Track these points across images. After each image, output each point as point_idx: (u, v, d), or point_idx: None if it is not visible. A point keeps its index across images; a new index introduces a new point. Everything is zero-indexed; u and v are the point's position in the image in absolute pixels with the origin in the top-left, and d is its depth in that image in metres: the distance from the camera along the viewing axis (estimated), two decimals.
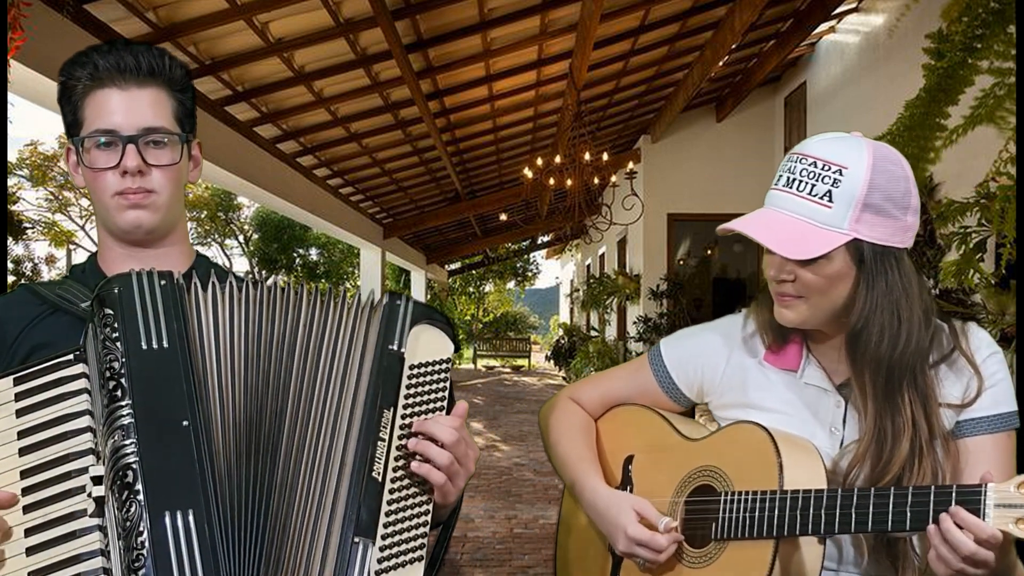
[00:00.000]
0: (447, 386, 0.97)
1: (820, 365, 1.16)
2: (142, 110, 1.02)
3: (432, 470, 0.90)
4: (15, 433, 0.87)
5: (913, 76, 2.84)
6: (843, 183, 1.03)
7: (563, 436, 1.32)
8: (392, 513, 0.88)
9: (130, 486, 0.81)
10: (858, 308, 1.07)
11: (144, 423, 0.84)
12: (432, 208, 11.80)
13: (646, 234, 10.21)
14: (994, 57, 2.45)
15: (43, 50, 3.38)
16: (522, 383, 16.49)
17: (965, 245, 2.71)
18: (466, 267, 23.37)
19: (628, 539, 1.13)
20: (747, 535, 1.06)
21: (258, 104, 5.89)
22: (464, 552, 4.64)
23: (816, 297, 1.07)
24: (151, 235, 1.07)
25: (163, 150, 1.04)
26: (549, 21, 6.06)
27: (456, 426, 0.93)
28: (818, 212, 1.04)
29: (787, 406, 1.16)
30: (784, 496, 1.03)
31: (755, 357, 1.21)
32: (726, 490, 1.10)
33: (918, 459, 1.04)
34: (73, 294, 1.04)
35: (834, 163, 1.04)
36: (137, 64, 1.02)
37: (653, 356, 1.31)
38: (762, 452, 1.07)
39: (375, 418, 0.90)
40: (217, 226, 23.30)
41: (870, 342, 1.06)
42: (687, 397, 1.29)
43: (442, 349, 0.98)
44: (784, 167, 1.08)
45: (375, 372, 0.93)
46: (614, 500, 1.19)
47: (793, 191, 1.06)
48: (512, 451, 7.94)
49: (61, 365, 0.90)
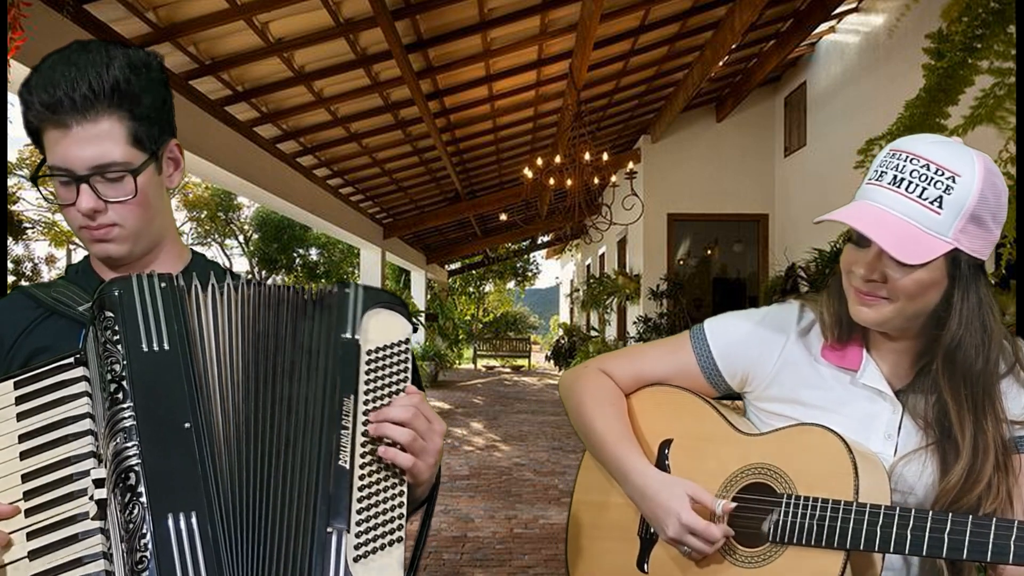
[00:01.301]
0: (408, 366, 0.95)
1: (879, 368, 1.13)
2: (89, 147, 0.95)
3: (398, 453, 0.90)
4: (16, 436, 0.87)
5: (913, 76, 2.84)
6: (955, 191, 1.00)
7: (598, 410, 1.25)
8: (364, 499, 0.88)
9: (132, 488, 0.81)
10: (955, 321, 1.05)
11: (146, 425, 0.84)
12: (432, 208, 11.80)
13: (646, 234, 10.21)
14: (994, 57, 2.45)
15: (43, 50, 3.37)
16: (522, 383, 16.49)
17: None
18: (466, 267, 23.37)
19: (681, 525, 1.09)
20: (811, 542, 1.02)
21: (258, 104, 5.89)
22: (464, 552, 4.64)
23: (903, 301, 1.04)
24: (127, 259, 1.05)
25: (119, 184, 0.98)
26: (549, 21, 6.06)
27: (412, 403, 0.92)
28: (927, 217, 1.01)
29: (841, 406, 1.13)
30: (862, 509, 1.00)
31: (810, 352, 1.17)
32: (788, 492, 1.07)
33: (998, 478, 1.03)
34: (69, 296, 1.04)
35: (948, 169, 1.01)
36: (71, 97, 0.93)
37: (696, 337, 1.25)
38: (836, 460, 1.04)
39: (336, 408, 0.90)
40: (217, 226, 23.30)
41: (968, 357, 1.05)
42: (727, 384, 1.24)
43: (398, 331, 0.96)
44: (888, 164, 1.05)
45: (333, 362, 0.92)
46: (666, 483, 1.14)
47: (902, 191, 1.02)
48: (512, 451, 7.94)
49: (61, 368, 0.90)
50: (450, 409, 11.46)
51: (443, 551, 4.65)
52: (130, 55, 0.98)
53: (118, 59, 0.97)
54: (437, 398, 12.80)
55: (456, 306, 21.83)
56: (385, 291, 0.99)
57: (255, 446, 0.88)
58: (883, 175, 1.05)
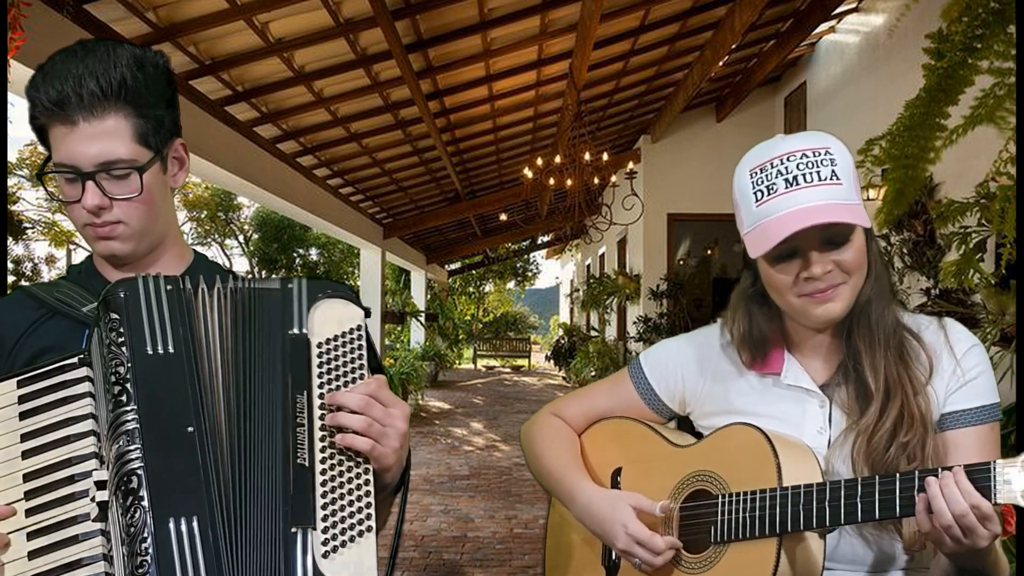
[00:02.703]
0: (363, 353, 0.94)
1: (802, 367, 1.16)
2: (95, 144, 0.96)
3: (355, 438, 0.89)
4: (18, 436, 0.87)
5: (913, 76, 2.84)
6: (838, 161, 1.05)
7: (547, 449, 1.31)
8: (328, 494, 0.88)
9: (134, 491, 0.81)
10: (869, 281, 1.10)
11: (149, 428, 0.84)
12: (432, 208, 11.80)
13: (646, 234, 10.21)
14: (994, 57, 2.44)
15: (43, 50, 3.36)
16: (522, 383, 16.48)
17: (965, 245, 2.71)
18: (466, 267, 23.36)
19: (628, 536, 1.12)
20: (748, 535, 1.05)
21: (258, 104, 5.89)
22: (464, 552, 4.64)
23: (856, 276, 1.08)
24: (131, 258, 1.05)
25: (124, 181, 0.99)
26: (549, 21, 6.06)
27: (365, 390, 0.91)
28: (837, 191, 1.04)
29: (772, 409, 1.16)
30: (785, 492, 1.03)
31: (735, 364, 1.22)
32: (723, 492, 1.10)
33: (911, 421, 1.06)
34: (72, 297, 1.03)
35: (818, 148, 1.06)
36: (78, 93, 0.94)
37: (633, 369, 1.32)
38: (758, 451, 1.07)
39: (290, 405, 0.90)
40: (217, 226, 23.29)
41: (877, 311, 1.09)
42: (669, 408, 1.30)
43: (348, 319, 0.95)
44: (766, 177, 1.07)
45: (282, 360, 0.92)
46: (609, 499, 1.18)
47: (801, 186, 1.04)
48: (512, 451, 7.94)
49: (65, 368, 0.90)
50: (450, 409, 11.46)
51: (443, 551, 4.65)
52: (136, 54, 0.99)
53: (125, 57, 0.97)
54: (437, 398, 12.80)
55: (456, 306, 21.82)
56: (329, 280, 0.98)
57: (237, 450, 0.88)
58: (771, 188, 1.07)
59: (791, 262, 1.08)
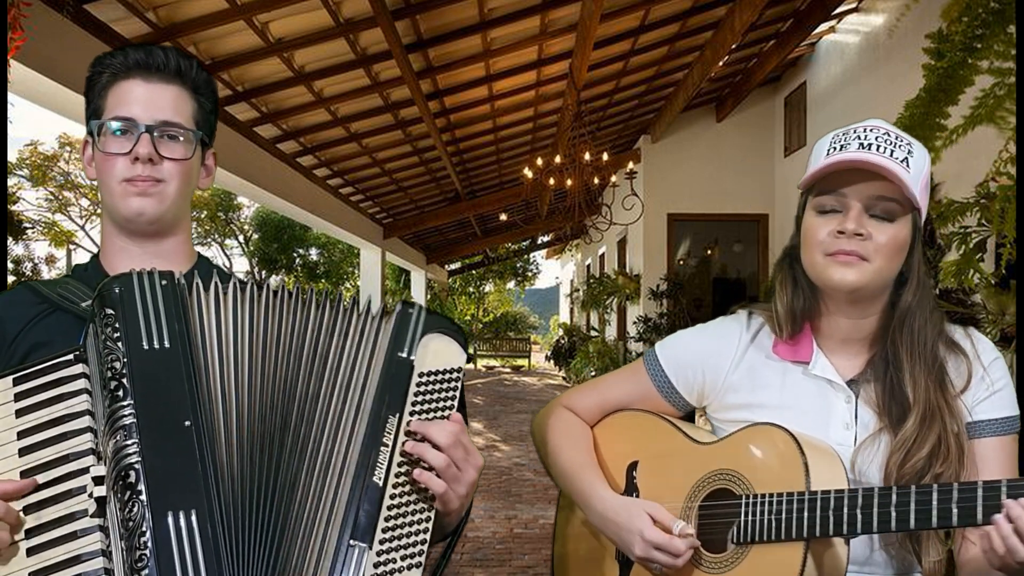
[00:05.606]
0: (456, 395, 0.96)
1: (829, 361, 1.15)
2: (162, 104, 1.05)
3: (432, 477, 0.90)
4: (15, 433, 0.87)
5: (913, 76, 2.83)
6: (915, 156, 1.06)
7: (562, 445, 1.28)
8: (391, 519, 0.88)
9: (132, 486, 0.81)
10: (912, 287, 1.09)
11: (146, 423, 0.84)
12: (432, 208, 11.80)
13: (646, 234, 10.20)
14: (994, 57, 2.44)
15: (43, 50, 3.38)
16: (522, 383, 16.48)
17: (965, 245, 2.71)
18: (466, 267, 23.37)
19: (645, 543, 1.10)
20: (773, 537, 1.03)
21: (258, 104, 5.89)
22: (464, 552, 4.64)
23: (882, 261, 1.06)
24: (153, 226, 1.07)
25: (177, 144, 1.06)
26: (549, 21, 6.06)
27: (454, 431, 0.93)
28: (901, 170, 1.04)
29: (798, 400, 1.14)
30: (814, 496, 1.01)
31: (763, 353, 1.19)
32: (747, 493, 1.08)
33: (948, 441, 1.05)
34: (74, 293, 1.04)
35: (905, 138, 1.07)
36: (166, 62, 1.06)
37: (649, 361, 1.28)
38: (785, 453, 1.05)
39: (379, 423, 0.91)
40: (217, 226, 23.30)
41: (920, 323, 1.09)
42: (686, 401, 1.27)
43: (453, 358, 0.98)
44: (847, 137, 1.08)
45: (383, 378, 0.93)
46: (625, 506, 1.16)
47: (872, 152, 1.05)
48: (512, 451, 7.94)
49: (61, 365, 0.90)
50: None
51: None
52: (202, 65, 1.13)
53: (196, 61, 1.12)
54: None
55: (456, 306, 21.83)
56: (447, 318, 1.01)
57: (268, 448, 0.88)
58: (846, 146, 1.07)
59: (834, 216, 1.08)
